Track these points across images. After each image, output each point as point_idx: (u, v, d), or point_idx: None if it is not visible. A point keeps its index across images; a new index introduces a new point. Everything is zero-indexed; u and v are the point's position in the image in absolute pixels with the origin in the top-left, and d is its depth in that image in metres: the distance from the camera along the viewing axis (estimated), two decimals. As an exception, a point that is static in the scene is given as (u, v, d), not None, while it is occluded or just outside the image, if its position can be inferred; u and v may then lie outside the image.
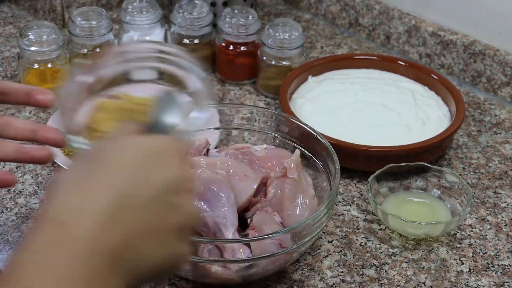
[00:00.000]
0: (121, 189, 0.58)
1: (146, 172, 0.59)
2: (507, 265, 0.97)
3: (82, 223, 0.55)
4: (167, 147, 0.63)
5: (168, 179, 0.61)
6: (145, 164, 0.60)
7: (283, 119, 1.04)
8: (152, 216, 0.59)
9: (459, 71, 1.32)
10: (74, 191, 0.57)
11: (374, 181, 1.02)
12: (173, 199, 0.61)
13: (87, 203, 0.56)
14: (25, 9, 1.49)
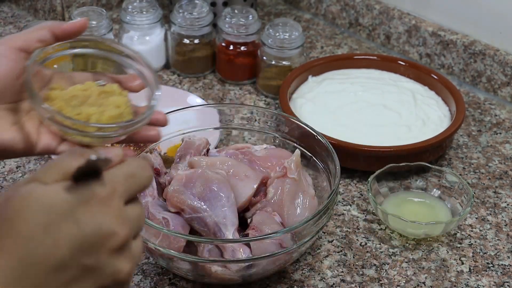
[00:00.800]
0: (25, 258, 0.53)
1: (52, 232, 0.53)
2: (507, 265, 0.97)
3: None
4: (86, 197, 0.55)
5: (82, 237, 0.54)
6: (52, 222, 0.53)
7: (283, 119, 1.04)
8: (65, 283, 0.54)
9: (459, 71, 1.32)
10: None
11: (374, 181, 1.02)
12: (88, 261, 0.54)
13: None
14: (25, 9, 1.49)
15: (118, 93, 0.82)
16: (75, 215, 0.54)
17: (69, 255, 0.53)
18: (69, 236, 0.53)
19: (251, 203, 0.94)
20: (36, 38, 0.79)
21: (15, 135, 0.77)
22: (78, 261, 0.54)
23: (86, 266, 0.54)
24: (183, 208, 0.89)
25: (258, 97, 1.27)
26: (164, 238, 0.86)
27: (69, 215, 0.54)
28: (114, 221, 0.55)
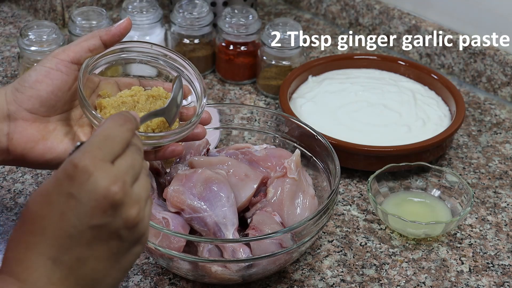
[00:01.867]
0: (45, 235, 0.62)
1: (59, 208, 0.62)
2: (507, 265, 0.97)
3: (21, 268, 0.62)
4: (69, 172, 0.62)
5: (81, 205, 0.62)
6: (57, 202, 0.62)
7: (283, 119, 1.04)
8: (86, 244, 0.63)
9: (459, 71, 1.32)
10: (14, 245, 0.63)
11: (374, 181, 1.02)
12: (96, 221, 0.62)
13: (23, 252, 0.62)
14: (25, 9, 1.49)
15: (164, 96, 0.85)
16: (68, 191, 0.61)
17: (78, 223, 0.61)
18: (70, 209, 0.61)
19: (251, 203, 0.94)
20: (87, 48, 0.82)
21: (69, 145, 0.83)
22: (87, 225, 0.62)
23: (96, 226, 0.62)
24: (183, 208, 0.89)
25: (258, 97, 1.27)
26: (164, 238, 0.86)
27: (65, 195, 0.61)
28: (105, 180, 0.62)
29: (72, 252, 0.62)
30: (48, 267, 0.62)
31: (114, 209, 0.62)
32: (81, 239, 0.62)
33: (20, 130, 0.82)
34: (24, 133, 0.82)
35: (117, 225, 0.63)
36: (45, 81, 0.80)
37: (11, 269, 0.62)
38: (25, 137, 0.82)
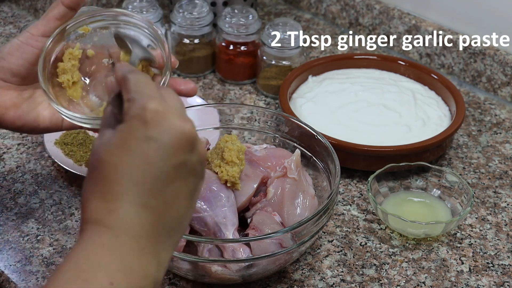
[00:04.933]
0: (130, 182, 0.62)
1: (141, 153, 0.63)
2: (507, 264, 0.97)
3: (113, 217, 0.62)
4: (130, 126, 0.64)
5: (163, 146, 0.63)
6: (137, 147, 0.63)
7: (283, 119, 1.04)
8: (171, 182, 0.64)
9: (459, 71, 1.32)
10: (97, 197, 0.63)
11: (374, 181, 1.02)
12: (177, 160, 0.64)
13: (110, 201, 0.62)
14: (25, 9, 1.49)
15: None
16: (146, 135, 0.62)
17: (163, 164, 0.63)
18: (153, 152, 0.62)
19: (251, 203, 0.94)
20: (53, 17, 0.82)
21: (41, 114, 0.86)
22: (171, 164, 0.63)
23: (178, 164, 0.63)
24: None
25: (258, 97, 1.27)
26: (164, 238, 0.85)
27: (143, 139, 0.62)
28: (178, 119, 0.64)
29: (160, 195, 0.63)
30: (140, 213, 0.62)
31: (191, 145, 0.64)
32: (166, 180, 0.63)
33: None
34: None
35: (194, 160, 0.65)
36: (16, 54, 0.83)
37: (101, 218, 0.62)
38: (1, 103, 0.84)
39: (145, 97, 0.64)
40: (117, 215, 0.62)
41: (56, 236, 0.98)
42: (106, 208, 0.62)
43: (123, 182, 0.62)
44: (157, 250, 0.63)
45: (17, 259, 0.95)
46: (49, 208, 1.02)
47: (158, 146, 0.63)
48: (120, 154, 0.62)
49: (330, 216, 0.91)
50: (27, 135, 1.15)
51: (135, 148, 0.62)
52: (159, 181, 0.63)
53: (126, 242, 0.62)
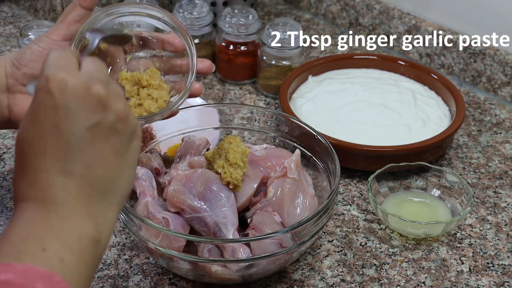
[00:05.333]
0: (46, 154, 0.63)
1: (50, 122, 0.63)
2: (507, 264, 0.97)
3: (37, 192, 0.63)
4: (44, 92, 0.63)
5: (71, 111, 0.63)
6: (45, 118, 0.63)
7: (283, 119, 1.04)
8: (82, 145, 0.63)
9: (459, 70, 1.32)
10: (18, 176, 0.64)
11: (374, 181, 1.02)
12: (90, 122, 0.63)
13: (30, 176, 0.63)
14: (25, 9, 1.49)
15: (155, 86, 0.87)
16: (52, 104, 0.62)
17: (75, 129, 0.62)
18: (62, 119, 0.62)
19: (251, 203, 0.94)
20: (72, 20, 0.83)
21: None
22: (84, 128, 0.63)
23: (92, 126, 0.63)
24: (183, 208, 0.89)
25: (258, 97, 1.27)
26: (164, 238, 0.85)
27: (51, 109, 0.62)
28: (82, 82, 0.63)
29: (79, 159, 0.63)
30: (62, 181, 0.63)
31: (102, 105, 0.63)
32: (82, 143, 0.63)
33: (18, 103, 0.86)
34: (22, 105, 0.86)
35: (110, 119, 0.64)
36: (39, 61, 0.84)
37: (26, 194, 0.63)
38: (24, 109, 0.85)
39: (51, 68, 0.63)
40: (40, 187, 0.63)
41: (56, 236, 0.98)
42: (28, 183, 0.63)
43: (39, 155, 0.63)
44: (91, 211, 0.64)
45: (17, 259, 0.94)
46: (49, 208, 1.02)
47: (65, 113, 0.62)
48: (32, 129, 0.63)
49: (330, 216, 0.91)
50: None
51: (44, 120, 0.62)
52: (74, 146, 0.63)
53: (53, 209, 0.62)
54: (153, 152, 1.01)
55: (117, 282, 0.92)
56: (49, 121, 0.62)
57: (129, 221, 0.87)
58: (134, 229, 0.87)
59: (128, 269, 0.94)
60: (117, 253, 0.96)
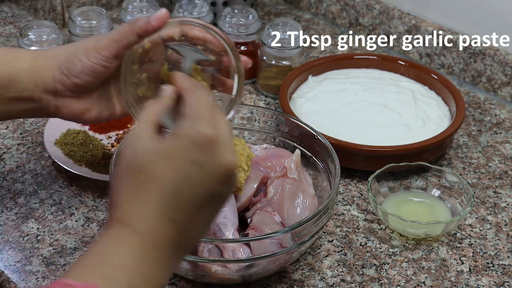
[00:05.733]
0: (167, 196, 0.66)
1: (181, 174, 0.66)
2: (507, 264, 0.97)
3: (144, 224, 0.66)
4: (188, 144, 0.67)
5: (204, 174, 0.67)
6: (179, 166, 0.66)
7: (283, 119, 1.04)
8: (197, 205, 0.67)
9: (459, 71, 1.32)
10: (132, 200, 0.66)
11: (374, 181, 1.02)
12: (215, 190, 0.68)
13: (144, 208, 0.66)
14: (25, 9, 1.49)
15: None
16: (193, 158, 0.66)
17: (200, 189, 0.67)
18: (195, 175, 0.67)
19: (251, 203, 0.94)
20: (126, 44, 0.85)
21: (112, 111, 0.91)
22: (206, 192, 0.67)
23: (213, 194, 0.68)
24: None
25: (258, 97, 1.27)
26: (164, 238, 0.85)
27: (190, 161, 0.66)
28: (231, 155, 0.68)
29: (189, 216, 0.67)
30: (167, 227, 0.66)
31: (229, 178, 0.68)
32: (198, 204, 0.67)
33: (67, 106, 0.89)
34: (70, 108, 0.90)
35: (226, 192, 0.70)
36: (89, 74, 0.87)
37: (130, 222, 0.66)
38: (72, 111, 0.90)
39: (201, 119, 0.67)
40: (147, 223, 0.66)
41: (56, 236, 0.98)
42: (138, 213, 0.66)
43: (161, 195, 0.66)
44: (171, 262, 0.68)
45: (17, 259, 0.95)
46: (49, 208, 1.02)
47: (200, 172, 0.66)
48: (165, 167, 0.66)
49: (330, 216, 0.91)
50: (27, 135, 1.15)
51: (180, 167, 0.66)
52: (191, 204, 0.67)
53: (149, 250, 0.65)
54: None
55: (117, 282, 0.92)
56: (184, 172, 0.66)
57: (129, 221, 0.87)
58: (134, 229, 0.87)
59: (128, 269, 0.94)
60: (117, 253, 0.96)
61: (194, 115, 0.68)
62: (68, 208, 1.02)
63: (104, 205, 1.03)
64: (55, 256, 0.95)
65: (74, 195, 1.05)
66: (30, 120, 1.18)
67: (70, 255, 0.95)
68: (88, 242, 0.97)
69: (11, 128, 1.17)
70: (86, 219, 1.01)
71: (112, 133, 1.14)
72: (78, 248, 0.96)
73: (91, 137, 1.12)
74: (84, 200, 1.04)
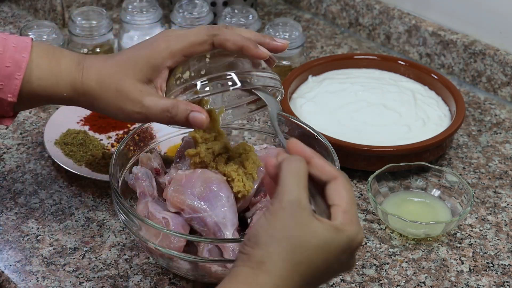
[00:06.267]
0: (307, 282, 0.69)
1: (328, 266, 0.70)
2: (507, 264, 0.97)
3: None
4: (346, 246, 0.70)
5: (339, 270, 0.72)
6: (329, 259, 0.69)
7: (283, 119, 1.03)
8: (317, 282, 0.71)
9: (459, 70, 1.32)
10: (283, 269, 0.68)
11: (374, 181, 1.02)
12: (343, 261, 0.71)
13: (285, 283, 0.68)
14: (25, 9, 1.49)
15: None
16: (341, 260, 0.70)
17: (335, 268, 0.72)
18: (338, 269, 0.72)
19: (251, 203, 0.94)
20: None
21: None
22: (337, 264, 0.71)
23: (339, 266, 0.72)
24: (183, 208, 0.89)
25: (258, 97, 1.27)
26: (164, 238, 0.85)
27: (339, 261, 0.70)
28: (361, 235, 0.71)
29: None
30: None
31: (355, 251, 0.71)
32: (326, 277, 0.72)
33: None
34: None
35: (350, 265, 0.73)
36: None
37: (267, 285, 0.68)
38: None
39: (359, 227, 0.70)
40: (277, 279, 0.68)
41: (56, 236, 0.98)
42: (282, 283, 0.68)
43: (305, 279, 0.68)
44: None
45: (17, 259, 0.95)
46: (49, 208, 1.02)
47: (338, 268, 0.71)
48: (320, 258, 0.68)
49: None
50: (27, 135, 1.15)
51: (330, 261, 0.69)
52: (322, 280, 0.71)
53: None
54: (153, 152, 1.01)
55: (117, 282, 0.92)
56: (329, 265, 0.69)
57: (129, 221, 0.87)
58: (134, 229, 0.87)
59: (128, 269, 0.94)
60: (117, 253, 0.96)
61: (352, 216, 0.70)
62: (68, 208, 1.02)
63: (104, 205, 1.03)
64: (55, 256, 0.95)
65: (74, 195, 1.05)
66: (30, 120, 1.18)
67: (70, 255, 0.95)
68: (88, 242, 0.97)
69: (11, 128, 1.17)
70: (86, 219, 1.01)
71: (112, 133, 1.14)
72: (78, 248, 0.96)
73: (91, 137, 1.12)
74: (84, 200, 1.04)
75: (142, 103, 0.84)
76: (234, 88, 0.83)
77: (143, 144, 1.00)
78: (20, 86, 0.86)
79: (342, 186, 0.70)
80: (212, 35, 0.85)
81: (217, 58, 0.85)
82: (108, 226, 1.00)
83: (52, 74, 0.86)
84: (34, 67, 0.86)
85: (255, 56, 0.85)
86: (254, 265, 0.67)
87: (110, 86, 0.85)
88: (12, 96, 0.86)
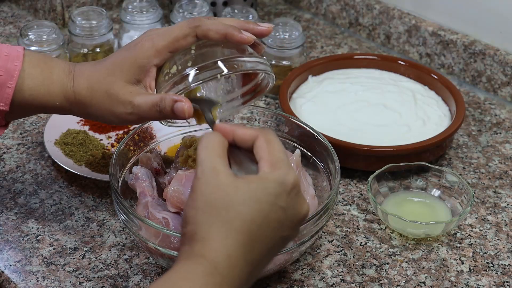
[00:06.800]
0: (250, 238, 0.68)
1: (265, 216, 0.69)
2: (507, 264, 0.97)
3: (226, 263, 0.67)
4: (277, 190, 0.69)
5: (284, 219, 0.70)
6: (264, 209, 0.68)
7: (283, 119, 1.04)
8: (270, 247, 0.71)
9: (459, 70, 1.32)
10: (219, 237, 0.67)
11: (374, 181, 1.02)
12: (287, 234, 0.71)
13: (230, 247, 0.67)
14: (25, 9, 1.49)
15: None
16: (281, 205, 0.69)
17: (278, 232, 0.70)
18: (279, 220, 0.70)
19: (251, 203, 0.93)
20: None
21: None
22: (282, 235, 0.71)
23: (285, 237, 0.71)
24: (183, 208, 0.89)
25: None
26: (164, 238, 0.85)
27: (277, 206, 0.69)
28: (306, 204, 0.71)
29: (260, 256, 0.70)
30: (243, 268, 0.68)
31: (301, 224, 0.72)
32: (271, 245, 0.70)
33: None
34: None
35: (295, 235, 0.73)
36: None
37: (211, 255, 0.67)
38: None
39: (286, 166, 0.69)
40: (230, 262, 0.67)
41: (56, 236, 0.98)
42: (224, 252, 0.67)
43: (247, 236, 0.68)
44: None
45: (17, 259, 0.95)
46: (49, 208, 1.02)
47: (281, 217, 0.69)
48: (252, 209, 0.68)
49: (330, 216, 0.91)
50: (27, 135, 1.15)
51: (266, 210, 0.68)
52: (265, 246, 0.69)
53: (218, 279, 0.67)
54: (153, 152, 1.01)
55: (117, 282, 0.92)
56: (268, 215, 0.68)
57: (129, 221, 0.87)
58: (134, 229, 0.87)
59: (128, 269, 0.94)
60: (117, 253, 0.96)
61: (276, 161, 0.69)
62: (68, 208, 1.03)
63: (104, 205, 1.03)
64: (55, 256, 0.95)
65: (74, 195, 1.05)
66: (30, 120, 1.18)
67: (70, 255, 0.95)
68: (88, 242, 0.97)
69: (11, 128, 1.17)
70: (86, 219, 1.01)
71: (112, 133, 1.14)
72: (78, 248, 0.96)
73: (91, 137, 1.12)
74: (84, 200, 1.04)
75: (132, 103, 0.84)
76: (222, 74, 0.83)
77: (143, 144, 1.00)
78: (12, 94, 0.86)
79: (263, 141, 0.71)
80: (194, 26, 0.85)
81: (203, 49, 0.85)
82: (108, 226, 1.00)
83: (44, 83, 0.87)
84: (26, 76, 0.87)
85: (240, 41, 0.84)
86: (188, 241, 0.68)
87: (100, 91, 0.85)
88: (4, 105, 0.86)
